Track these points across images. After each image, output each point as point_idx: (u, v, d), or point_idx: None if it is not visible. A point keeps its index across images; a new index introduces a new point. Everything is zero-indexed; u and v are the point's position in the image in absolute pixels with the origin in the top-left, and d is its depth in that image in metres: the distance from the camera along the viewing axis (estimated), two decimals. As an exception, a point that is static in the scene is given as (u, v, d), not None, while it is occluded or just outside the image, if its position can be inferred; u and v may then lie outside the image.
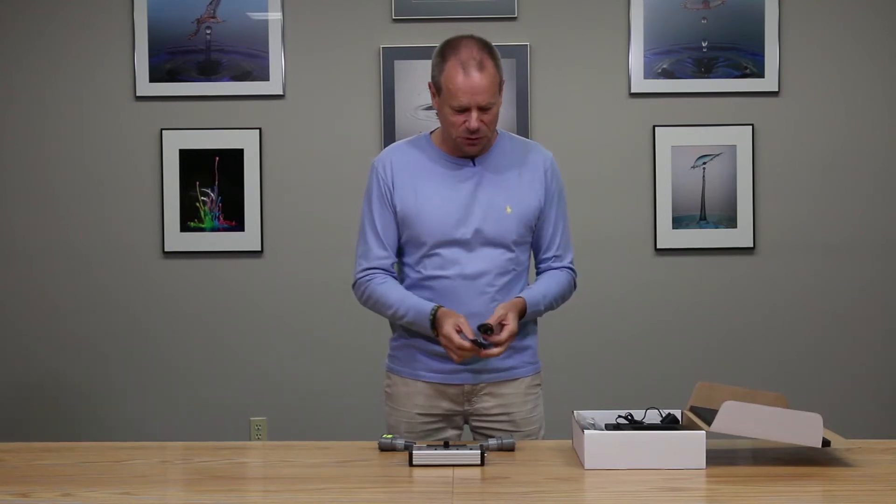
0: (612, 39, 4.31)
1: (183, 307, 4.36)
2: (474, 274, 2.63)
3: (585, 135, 4.32)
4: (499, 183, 2.65)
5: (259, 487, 2.31)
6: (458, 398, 2.69)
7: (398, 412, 2.73)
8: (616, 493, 2.11)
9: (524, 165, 2.69)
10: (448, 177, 2.65)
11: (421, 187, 2.64)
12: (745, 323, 4.34)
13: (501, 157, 2.68)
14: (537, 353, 2.78)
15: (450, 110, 2.56)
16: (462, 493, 2.10)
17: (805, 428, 2.27)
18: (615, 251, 4.32)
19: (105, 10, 4.33)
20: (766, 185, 4.31)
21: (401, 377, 2.73)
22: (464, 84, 2.52)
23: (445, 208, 2.62)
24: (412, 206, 2.64)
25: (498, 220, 2.63)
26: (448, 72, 2.55)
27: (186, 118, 4.33)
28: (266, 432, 4.36)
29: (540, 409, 2.77)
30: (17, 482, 2.22)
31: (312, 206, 4.35)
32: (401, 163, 2.68)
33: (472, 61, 2.53)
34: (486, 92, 2.53)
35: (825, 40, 4.31)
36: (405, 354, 2.72)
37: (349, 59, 4.33)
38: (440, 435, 2.69)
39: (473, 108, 2.54)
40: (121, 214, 4.36)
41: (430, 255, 2.64)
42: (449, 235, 2.62)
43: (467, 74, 2.52)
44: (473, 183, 2.64)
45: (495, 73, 2.56)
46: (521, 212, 2.66)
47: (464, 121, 2.55)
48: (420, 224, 2.63)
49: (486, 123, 2.56)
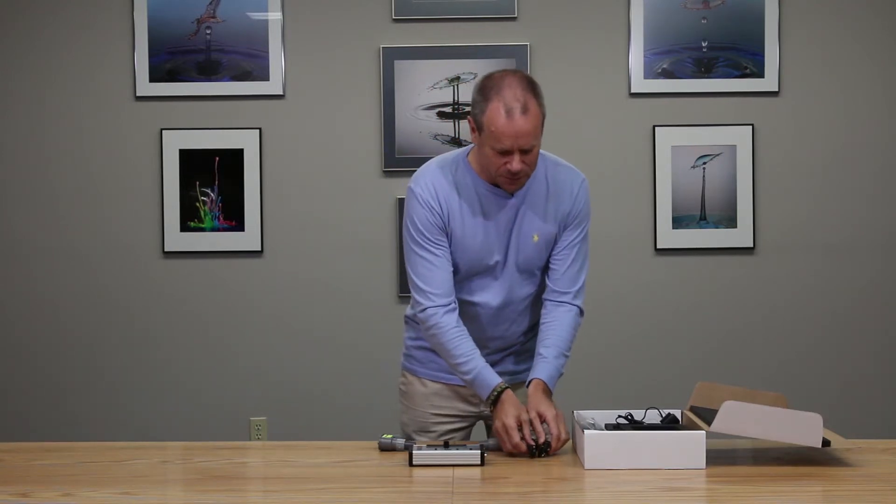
0: (612, 39, 4.31)
1: (183, 307, 4.36)
2: (501, 302, 2.63)
3: (585, 135, 4.32)
4: (531, 213, 2.61)
5: (259, 487, 2.31)
6: (474, 399, 2.69)
7: (413, 411, 2.73)
8: (616, 493, 2.11)
9: (555, 190, 2.63)
10: (488, 205, 2.59)
11: (466, 216, 2.59)
12: (745, 323, 4.34)
13: (534, 188, 2.61)
14: None
15: (491, 151, 2.48)
16: (462, 493, 2.11)
17: (805, 428, 2.27)
18: (615, 251, 4.32)
19: (105, 10, 4.33)
20: (766, 185, 4.31)
21: (417, 377, 2.73)
22: (507, 128, 2.43)
23: (487, 238, 2.59)
24: (459, 235, 2.59)
25: (527, 249, 2.61)
26: (490, 113, 2.45)
27: (186, 118, 4.33)
28: (266, 432, 4.35)
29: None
30: (17, 482, 2.22)
31: (312, 206, 4.35)
32: (444, 189, 2.59)
33: (517, 103, 2.43)
34: (531, 135, 2.44)
35: (825, 40, 4.31)
36: (423, 354, 2.72)
37: (349, 59, 4.33)
38: (453, 436, 2.69)
39: (516, 151, 2.46)
40: (121, 214, 4.35)
41: (461, 281, 2.63)
42: (483, 264, 2.61)
43: (511, 118, 2.43)
44: (511, 213, 2.59)
45: (538, 112, 2.46)
46: (546, 237, 2.62)
47: (505, 162, 2.48)
48: (461, 253, 2.60)
49: (527, 164, 2.49)
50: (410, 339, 2.77)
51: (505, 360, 2.71)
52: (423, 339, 2.69)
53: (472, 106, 2.53)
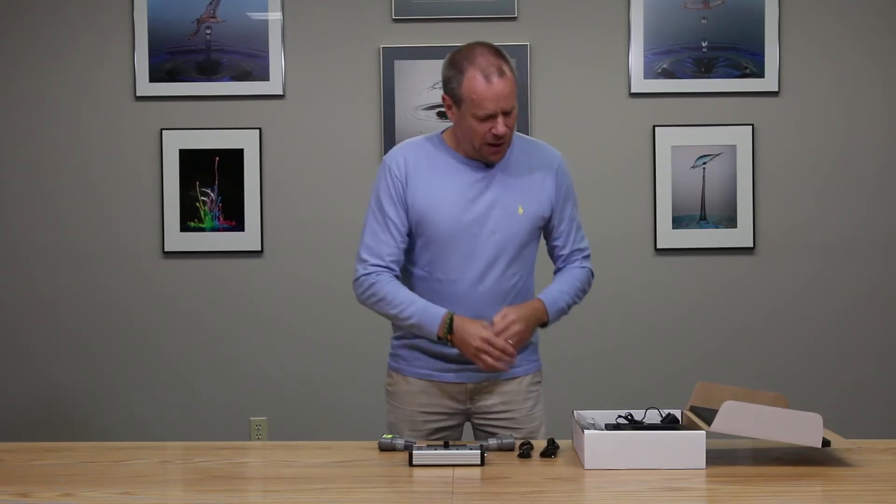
0: (612, 39, 4.31)
1: (183, 307, 4.36)
2: (483, 274, 2.63)
3: (585, 135, 4.32)
4: (511, 184, 2.65)
5: (259, 487, 2.31)
6: (461, 396, 2.69)
7: (400, 410, 2.73)
8: (616, 493, 2.11)
9: (535, 165, 2.70)
10: (462, 176, 2.65)
11: (435, 186, 2.63)
12: (745, 323, 4.34)
13: (512, 158, 2.68)
14: (538, 352, 2.79)
15: (474, 120, 2.55)
16: (462, 493, 2.11)
17: (805, 428, 2.27)
18: (615, 251, 4.31)
19: (105, 10, 4.33)
20: (766, 185, 4.31)
21: (402, 375, 2.74)
22: (488, 91, 2.52)
23: (460, 206, 2.62)
24: (424, 205, 2.63)
25: (510, 221, 2.64)
26: (468, 82, 2.53)
27: (186, 118, 4.33)
28: (266, 432, 4.36)
29: (540, 408, 2.78)
30: (17, 482, 2.22)
31: (312, 206, 4.35)
32: (415, 160, 2.66)
33: (493, 68, 2.53)
34: (510, 95, 2.54)
35: (825, 40, 4.31)
36: (408, 353, 2.72)
37: (349, 59, 4.33)
38: (441, 434, 2.69)
39: (499, 114, 2.53)
40: (121, 214, 4.35)
41: (438, 254, 2.64)
42: (461, 234, 2.62)
43: (490, 82, 2.52)
44: (486, 183, 2.64)
45: (512, 76, 2.56)
46: (532, 212, 2.66)
47: (490, 128, 2.54)
48: (430, 222, 2.62)
49: (509, 127, 2.57)
50: (396, 339, 2.77)
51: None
52: (407, 336, 2.70)
53: (445, 84, 2.60)
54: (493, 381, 2.69)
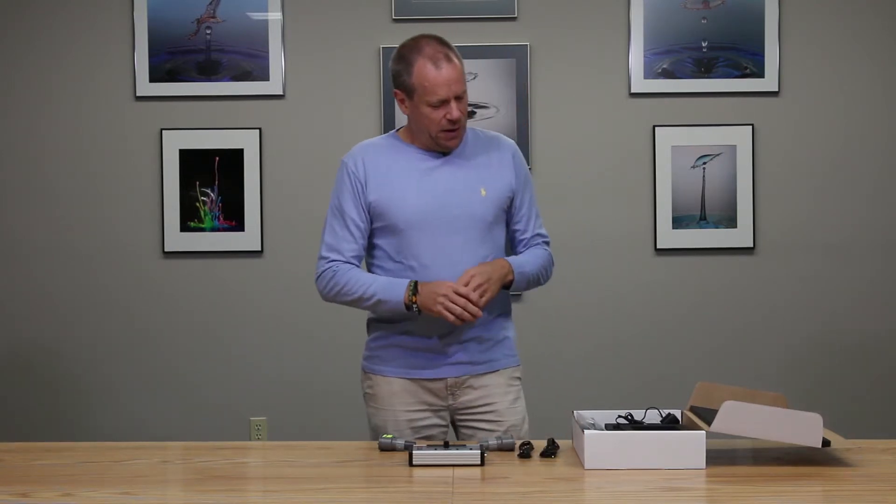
0: (612, 39, 4.31)
1: (183, 307, 4.36)
2: (453, 257, 2.65)
3: (585, 135, 4.32)
4: (470, 168, 2.70)
5: (259, 487, 2.31)
6: (441, 392, 2.70)
7: (383, 412, 2.74)
8: (616, 493, 2.11)
9: (492, 152, 2.75)
10: (421, 166, 2.69)
11: (395, 176, 2.68)
12: (745, 323, 4.34)
13: (468, 147, 2.74)
14: (515, 347, 2.81)
15: (428, 108, 2.61)
16: (462, 493, 2.11)
17: (805, 428, 2.27)
18: (615, 251, 4.32)
19: (105, 10, 4.33)
20: (766, 185, 4.31)
21: (383, 376, 2.75)
22: (439, 77, 2.59)
23: (421, 194, 2.66)
24: (387, 196, 2.67)
25: (473, 203, 2.67)
26: (418, 71, 2.60)
27: (186, 118, 4.33)
28: (266, 432, 4.35)
29: (522, 403, 2.79)
30: (17, 482, 2.22)
31: (312, 206, 4.34)
32: (372, 158, 2.72)
33: (440, 54, 2.61)
34: (460, 80, 2.62)
35: (825, 40, 4.31)
36: (386, 353, 2.74)
37: (349, 59, 4.33)
38: (428, 431, 2.70)
39: (451, 99, 2.60)
40: (121, 214, 4.35)
41: (408, 241, 2.66)
42: (426, 220, 2.65)
43: (439, 68, 2.59)
44: (446, 170, 2.69)
45: (460, 63, 2.64)
46: (495, 194, 2.71)
47: (444, 114, 2.61)
48: (395, 211, 2.66)
49: (462, 112, 2.63)
50: (373, 340, 2.79)
51: (468, 346, 2.70)
52: (385, 338, 2.73)
53: (394, 78, 2.68)
54: (472, 376, 2.70)
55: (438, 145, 2.67)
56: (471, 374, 2.71)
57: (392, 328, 2.72)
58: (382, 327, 2.75)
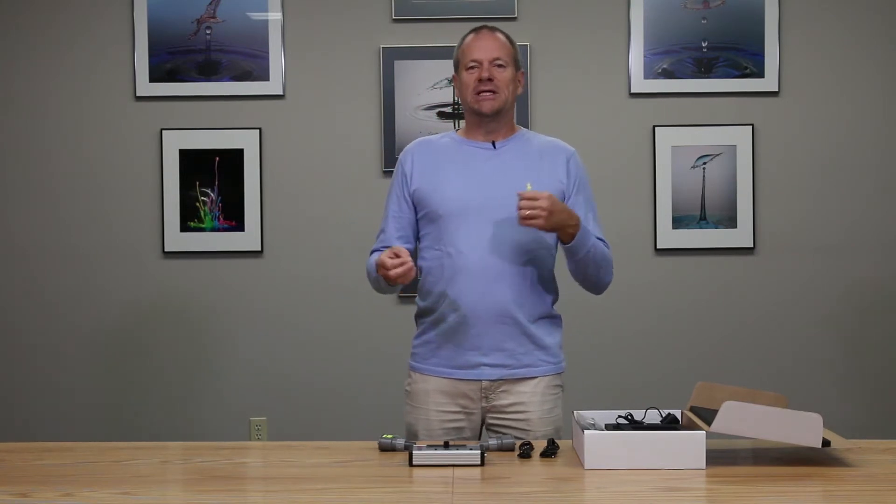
0: (612, 39, 4.31)
1: (183, 307, 4.36)
2: (491, 246, 2.63)
3: (585, 135, 4.31)
4: (519, 164, 2.70)
5: (259, 487, 2.30)
6: (476, 394, 2.69)
7: (417, 410, 2.74)
8: (616, 493, 2.11)
9: (545, 153, 2.75)
10: (469, 157, 2.71)
11: (440, 167, 2.71)
12: (745, 323, 4.34)
13: (522, 145, 2.74)
14: (561, 352, 2.77)
15: (465, 73, 2.68)
16: (462, 493, 2.10)
17: (805, 428, 2.27)
18: (615, 251, 4.26)
19: (105, 10, 4.33)
20: (766, 185, 4.31)
21: (420, 374, 2.75)
22: (475, 42, 2.68)
23: (463, 183, 2.67)
24: (428, 184, 2.70)
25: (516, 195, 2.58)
26: (463, 44, 2.71)
27: (186, 118, 4.33)
28: (266, 432, 4.35)
29: (558, 412, 2.75)
30: (17, 482, 2.22)
31: (312, 206, 4.35)
32: (423, 150, 2.77)
33: (484, 28, 2.72)
34: (498, 50, 2.67)
35: (825, 40, 4.31)
36: (425, 350, 2.74)
37: (349, 59, 4.33)
38: (458, 434, 2.69)
39: (485, 61, 2.65)
40: (121, 214, 4.35)
41: (447, 228, 2.66)
42: (466, 208, 2.65)
43: (478, 35, 2.70)
44: (494, 163, 2.70)
45: (508, 42, 2.70)
46: (542, 189, 2.61)
47: (477, 75, 2.65)
48: (436, 198, 2.68)
49: (499, 80, 2.65)
50: (416, 337, 2.79)
51: (505, 345, 2.66)
52: (425, 334, 2.74)
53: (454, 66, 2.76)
54: (508, 381, 2.68)
55: (475, 113, 2.69)
56: (506, 377, 2.68)
57: (433, 325, 2.71)
58: (425, 323, 2.75)
